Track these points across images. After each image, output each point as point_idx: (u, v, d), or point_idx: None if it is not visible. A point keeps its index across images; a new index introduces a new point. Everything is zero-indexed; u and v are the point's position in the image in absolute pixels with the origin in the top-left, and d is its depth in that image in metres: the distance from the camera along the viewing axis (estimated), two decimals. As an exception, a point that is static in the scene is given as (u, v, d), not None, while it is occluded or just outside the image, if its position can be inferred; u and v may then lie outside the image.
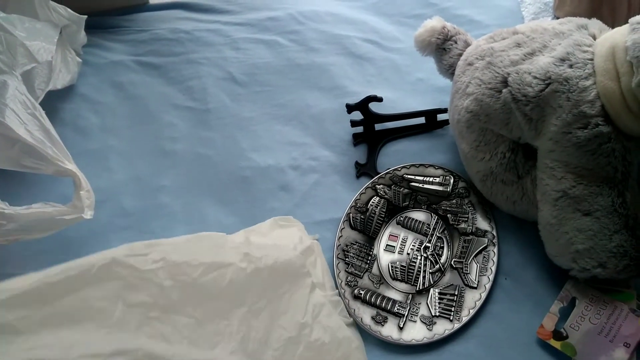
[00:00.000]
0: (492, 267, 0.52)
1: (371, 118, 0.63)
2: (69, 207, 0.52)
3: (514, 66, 0.50)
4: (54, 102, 0.71)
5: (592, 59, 0.46)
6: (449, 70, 0.60)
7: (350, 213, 0.58)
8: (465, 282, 0.52)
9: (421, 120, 0.65)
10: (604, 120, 0.44)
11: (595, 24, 0.49)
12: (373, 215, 0.58)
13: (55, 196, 0.55)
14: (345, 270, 0.54)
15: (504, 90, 0.50)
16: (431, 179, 0.59)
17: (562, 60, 0.46)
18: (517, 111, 0.49)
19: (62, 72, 0.70)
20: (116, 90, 0.73)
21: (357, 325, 0.51)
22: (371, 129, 0.64)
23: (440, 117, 0.64)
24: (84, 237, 0.59)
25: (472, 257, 0.53)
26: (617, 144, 0.45)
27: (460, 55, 0.58)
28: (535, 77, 0.47)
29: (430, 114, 0.64)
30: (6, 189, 0.61)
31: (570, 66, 0.46)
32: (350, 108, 0.62)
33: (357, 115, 0.64)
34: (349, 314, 0.51)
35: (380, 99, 0.62)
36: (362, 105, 0.62)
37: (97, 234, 0.59)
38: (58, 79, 0.69)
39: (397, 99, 0.67)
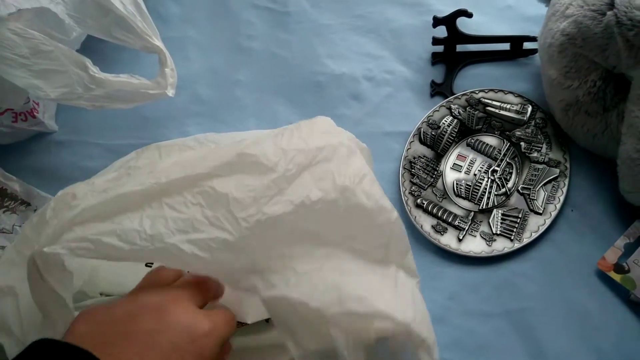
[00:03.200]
0: (561, 196, 0.52)
1: (455, 36, 0.61)
2: (154, 82, 0.53)
3: (624, -12, 0.47)
4: (138, -12, 0.72)
5: None
6: (546, -6, 0.57)
7: (421, 128, 0.57)
8: (531, 207, 0.52)
9: (505, 46, 0.62)
10: None
11: None
12: (444, 133, 0.57)
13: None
14: (410, 181, 0.55)
15: (608, 13, 0.47)
16: (508, 106, 0.58)
17: (680, -14, 0.43)
18: (619, 36, 0.46)
19: (149, -41, 0.71)
20: (198, -16, 0.73)
21: (417, 232, 0.52)
22: (452, 48, 0.63)
23: (526, 45, 0.62)
24: (160, 118, 0.61)
25: (540, 185, 0.53)
26: None
27: (562, -23, 0.55)
28: (647, 1, 0.44)
29: (517, 40, 0.61)
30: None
31: (690, -9, 0.43)
32: (436, 21, 0.60)
33: (440, 33, 0.62)
34: (410, 220, 0.52)
35: (470, 15, 0.59)
36: (450, 19, 0.60)
37: (173, 117, 0.61)
38: (144, -35, 0.70)
39: (482, 24, 0.65)
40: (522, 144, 0.55)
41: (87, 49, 0.59)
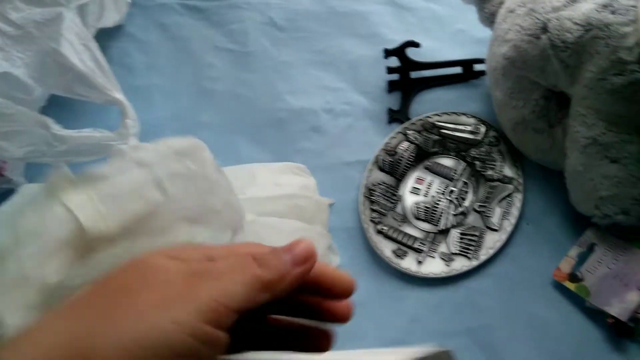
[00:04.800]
0: (515, 212, 0.53)
1: (407, 65, 0.64)
2: (116, 134, 0.56)
3: (555, 12, 0.49)
4: (103, 41, 0.74)
5: (635, 6, 0.45)
6: (489, 19, 0.60)
7: (379, 155, 0.60)
8: (487, 224, 0.53)
9: (457, 70, 0.65)
10: (640, 67, 0.44)
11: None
12: (402, 158, 0.59)
13: (102, 127, 0.58)
14: (370, 208, 0.56)
15: (542, 37, 0.49)
16: (462, 127, 0.60)
17: (605, 6, 0.46)
18: (554, 58, 0.49)
19: (112, 11, 0.74)
20: (161, 31, 0.76)
21: (379, 258, 0.53)
22: (406, 76, 0.65)
23: (477, 67, 0.64)
24: (128, 164, 0.63)
25: (496, 202, 0.55)
26: (652, 91, 0.44)
27: (502, 3, 0.58)
28: (575, 23, 0.47)
29: (467, 64, 0.64)
30: (58, 119, 0.65)
31: (613, 12, 0.45)
32: (387, 53, 0.63)
33: (394, 62, 0.65)
34: (372, 247, 0.54)
35: (417, 45, 0.62)
36: (400, 50, 0.63)
37: (140, 162, 0.63)
38: (108, 18, 0.73)
39: (435, 49, 0.68)
40: (477, 163, 0.57)
41: (55, 102, 0.62)
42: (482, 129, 0.59)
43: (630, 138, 0.46)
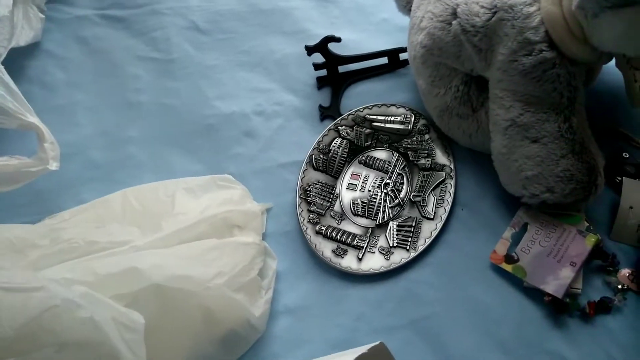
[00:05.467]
0: (449, 198, 0.54)
1: (332, 60, 0.63)
2: (34, 160, 0.53)
3: (463, -3, 0.49)
4: (19, 60, 0.71)
5: (538, -15, 0.46)
6: (406, 7, 0.60)
7: (312, 155, 0.59)
8: (423, 214, 0.54)
9: (384, 60, 0.65)
10: (548, 46, 0.44)
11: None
12: (335, 155, 0.59)
13: (22, 152, 0.56)
14: (308, 209, 0.56)
15: (453, 22, 0.50)
16: (392, 118, 0.60)
17: (509, -13, 0.46)
18: (466, 42, 0.49)
19: (25, 29, 0.70)
20: (81, 45, 0.73)
21: (319, 259, 0.53)
22: (334, 71, 0.64)
23: (403, 56, 0.64)
24: (55, 189, 0.60)
25: (429, 191, 0.55)
26: (562, 69, 0.45)
27: (417, -10, 0.57)
28: (482, 7, 0.47)
29: (392, 54, 0.64)
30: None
31: (516, -7, 0.46)
32: (309, 50, 0.62)
33: (320, 58, 0.64)
34: (311, 249, 0.53)
35: (338, 39, 0.61)
36: (321, 46, 0.62)
37: (68, 186, 0.61)
38: (21, 36, 0.69)
39: (361, 40, 0.67)
40: (410, 153, 0.57)
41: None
42: (412, 118, 0.59)
43: (547, 117, 0.46)
